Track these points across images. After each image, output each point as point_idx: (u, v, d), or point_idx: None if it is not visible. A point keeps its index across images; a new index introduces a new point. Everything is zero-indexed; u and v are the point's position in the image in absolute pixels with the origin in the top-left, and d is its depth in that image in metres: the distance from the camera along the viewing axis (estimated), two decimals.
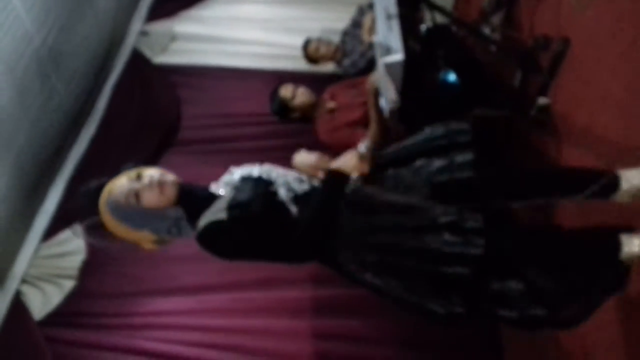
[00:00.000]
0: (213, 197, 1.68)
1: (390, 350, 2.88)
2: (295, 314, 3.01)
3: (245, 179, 1.72)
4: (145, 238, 1.67)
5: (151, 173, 1.65)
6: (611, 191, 1.75)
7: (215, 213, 1.60)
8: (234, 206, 1.60)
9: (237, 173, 1.77)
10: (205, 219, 1.61)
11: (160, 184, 1.63)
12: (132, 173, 1.66)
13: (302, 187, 1.70)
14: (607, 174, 1.77)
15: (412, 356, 2.87)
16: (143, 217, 1.64)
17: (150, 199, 1.62)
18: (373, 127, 2.88)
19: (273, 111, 3.18)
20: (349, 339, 2.93)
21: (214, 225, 1.58)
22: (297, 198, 1.67)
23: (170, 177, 1.68)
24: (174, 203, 1.67)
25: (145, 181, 1.63)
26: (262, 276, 3.10)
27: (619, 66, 2.10)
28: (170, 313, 3.02)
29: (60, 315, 2.94)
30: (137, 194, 1.62)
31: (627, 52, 2.06)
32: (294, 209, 1.64)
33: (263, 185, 1.68)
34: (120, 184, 1.64)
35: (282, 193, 1.67)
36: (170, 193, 1.65)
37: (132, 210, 1.62)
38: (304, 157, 1.86)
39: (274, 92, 3.16)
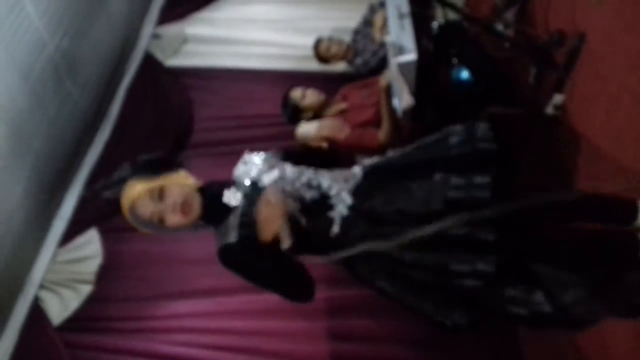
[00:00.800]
0: (229, 209, 1.69)
1: (405, 351, 2.86)
2: (310, 315, 2.99)
3: (255, 188, 1.70)
4: None
5: (175, 195, 1.63)
6: (631, 220, 1.75)
7: (228, 233, 1.63)
8: (243, 224, 1.62)
9: (251, 166, 1.77)
10: (220, 239, 1.64)
11: (184, 207, 1.63)
12: (155, 186, 1.63)
13: (312, 195, 1.67)
14: (628, 204, 1.77)
15: (427, 356, 2.85)
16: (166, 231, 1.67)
17: (174, 221, 1.63)
18: (385, 125, 2.86)
19: (286, 117, 3.17)
20: (364, 339, 2.91)
21: (227, 250, 1.61)
22: (306, 208, 1.65)
23: (191, 188, 1.68)
24: (198, 219, 1.68)
25: (169, 203, 1.62)
26: None
27: (636, 61, 2.07)
28: (186, 316, 3.02)
29: (78, 320, 2.95)
30: (160, 217, 1.62)
31: None
32: (303, 220, 1.63)
33: None
34: (143, 202, 1.62)
35: (291, 206, 1.64)
36: (194, 214, 1.66)
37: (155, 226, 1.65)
38: (305, 129, 1.83)
39: (285, 98, 3.14)
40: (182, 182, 1.68)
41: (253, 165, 1.77)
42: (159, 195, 1.62)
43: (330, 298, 3.02)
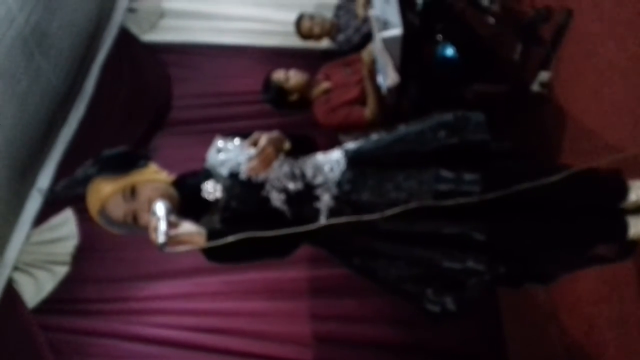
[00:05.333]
0: (208, 203, 1.63)
1: (387, 330, 2.86)
2: (291, 295, 2.98)
3: (234, 179, 1.63)
4: None
5: (147, 192, 1.55)
6: (620, 200, 1.76)
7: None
8: (225, 219, 1.58)
9: (227, 154, 1.68)
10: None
11: None
12: (126, 185, 1.55)
13: (296, 187, 1.62)
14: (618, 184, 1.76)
15: (410, 335, 2.84)
16: (139, 230, 1.60)
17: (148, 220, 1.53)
18: (371, 103, 2.81)
19: (270, 100, 3.07)
20: (347, 319, 2.90)
21: (212, 251, 1.56)
22: (291, 199, 1.61)
23: (164, 183, 1.60)
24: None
25: (142, 200, 1.54)
26: None
27: (625, 37, 2.04)
28: (166, 297, 2.98)
29: (54, 302, 2.87)
30: (134, 215, 1.55)
31: (634, 21, 1.99)
32: (288, 211, 1.60)
33: (254, 192, 1.62)
34: (115, 202, 1.54)
35: (275, 197, 1.60)
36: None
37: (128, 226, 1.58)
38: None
39: (267, 81, 3.05)
40: (153, 178, 1.61)
41: (228, 153, 1.69)
42: (131, 194, 1.55)
43: (312, 277, 3.00)
